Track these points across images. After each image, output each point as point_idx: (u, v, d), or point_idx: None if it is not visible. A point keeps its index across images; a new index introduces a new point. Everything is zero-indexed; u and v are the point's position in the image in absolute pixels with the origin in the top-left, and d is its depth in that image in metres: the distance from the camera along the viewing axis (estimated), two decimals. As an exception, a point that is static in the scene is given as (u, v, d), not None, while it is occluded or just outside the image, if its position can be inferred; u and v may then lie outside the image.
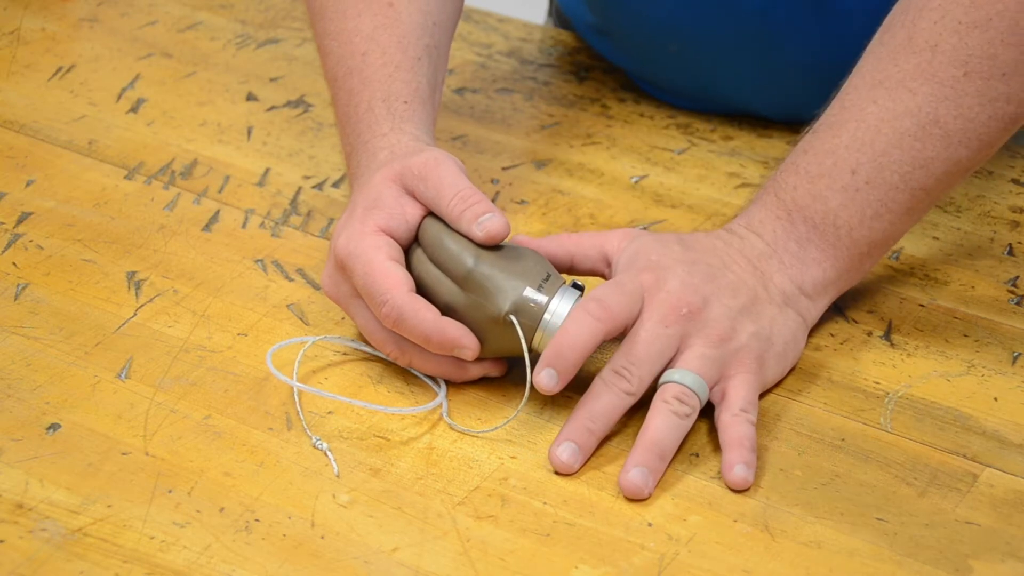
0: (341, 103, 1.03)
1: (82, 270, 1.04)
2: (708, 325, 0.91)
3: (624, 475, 0.86)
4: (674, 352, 0.90)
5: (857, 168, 0.94)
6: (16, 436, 0.90)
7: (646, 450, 0.87)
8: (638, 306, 0.90)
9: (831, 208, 0.94)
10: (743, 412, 0.89)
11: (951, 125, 0.93)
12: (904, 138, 0.93)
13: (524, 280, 0.91)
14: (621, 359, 0.89)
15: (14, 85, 1.26)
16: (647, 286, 0.91)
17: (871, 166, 0.94)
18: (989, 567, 0.83)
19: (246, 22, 1.35)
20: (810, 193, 0.95)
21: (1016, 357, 0.98)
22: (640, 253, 0.93)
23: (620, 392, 0.89)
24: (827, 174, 0.94)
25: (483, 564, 0.83)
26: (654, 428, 0.88)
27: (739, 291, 0.92)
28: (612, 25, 1.24)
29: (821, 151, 0.95)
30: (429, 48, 1.04)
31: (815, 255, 0.95)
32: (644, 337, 0.90)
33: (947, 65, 0.92)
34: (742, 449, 0.88)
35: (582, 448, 0.88)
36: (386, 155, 0.97)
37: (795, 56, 1.15)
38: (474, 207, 0.92)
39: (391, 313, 0.90)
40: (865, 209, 0.94)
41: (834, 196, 0.94)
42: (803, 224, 0.95)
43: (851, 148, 0.94)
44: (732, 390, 0.90)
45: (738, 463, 0.87)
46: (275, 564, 0.82)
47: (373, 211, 0.93)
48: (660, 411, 0.88)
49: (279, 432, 0.91)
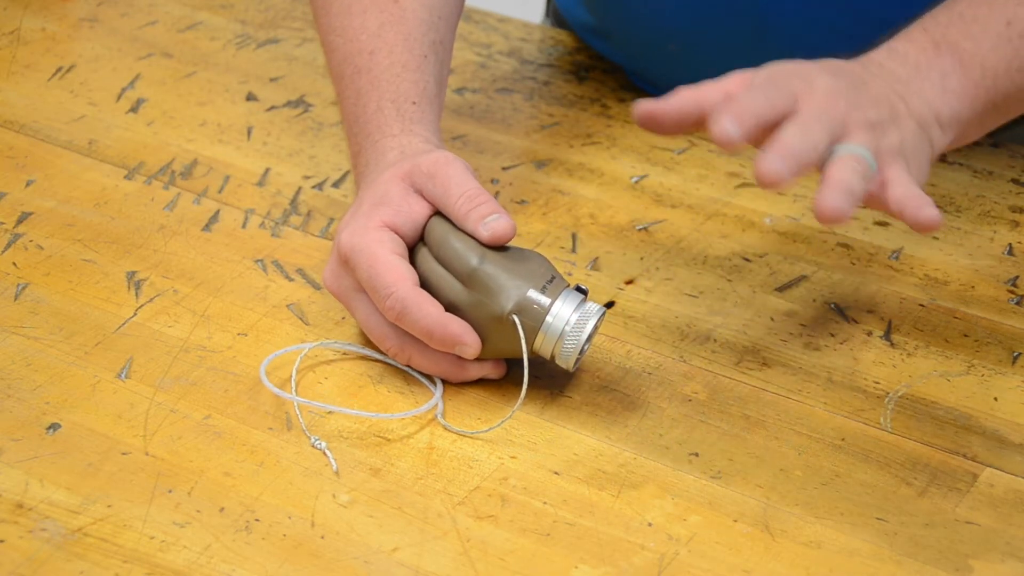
0: (348, 102, 1.03)
1: (82, 270, 1.04)
2: (863, 120, 0.88)
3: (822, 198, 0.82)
4: (837, 136, 0.86)
5: (1013, 20, 0.94)
6: (16, 436, 0.90)
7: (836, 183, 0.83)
8: (791, 99, 0.86)
9: (982, 50, 0.94)
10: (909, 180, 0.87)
11: None
12: None
13: (528, 281, 0.91)
14: (796, 118, 0.85)
15: (14, 85, 1.26)
16: (798, 91, 0.87)
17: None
18: (989, 567, 0.83)
19: (246, 22, 1.35)
20: (962, 32, 0.94)
21: (1016, 357, 0.98)
22: (780, 68, 0.89)
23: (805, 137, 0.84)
24: (982, 19, 0.94)
25: (483, 564, 0.83)
26: (839, 171, 0.84)
27: (882, 103, 0.90)
28: (610, 26, 1.24)
29: (976, 2, 0.95)
30: (435, 44, 1.04)
31: (955, 88, 0.93)
32: (811, 109, 0.86)
33: None
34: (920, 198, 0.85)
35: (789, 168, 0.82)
36: (396, 155, 0.98)
37: (795, 53, 1.15)
38: (481, 207, 0.92)
39: (395, 306, 0.90)
40: (1012, 60, 0.94)
41: (987, 39, 0.94)
42: (950, 57, 0.94)
43: (1008, 4, 0.94)
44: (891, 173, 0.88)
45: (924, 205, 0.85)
46: (275, 564, 0.82)
47: (379, 207, 0.93)
48: (840, 161, 0.85)
49: (279, 432, 0.91)
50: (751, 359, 0.98)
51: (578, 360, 0.91)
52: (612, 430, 0.92)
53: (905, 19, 0.99)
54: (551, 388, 0.95)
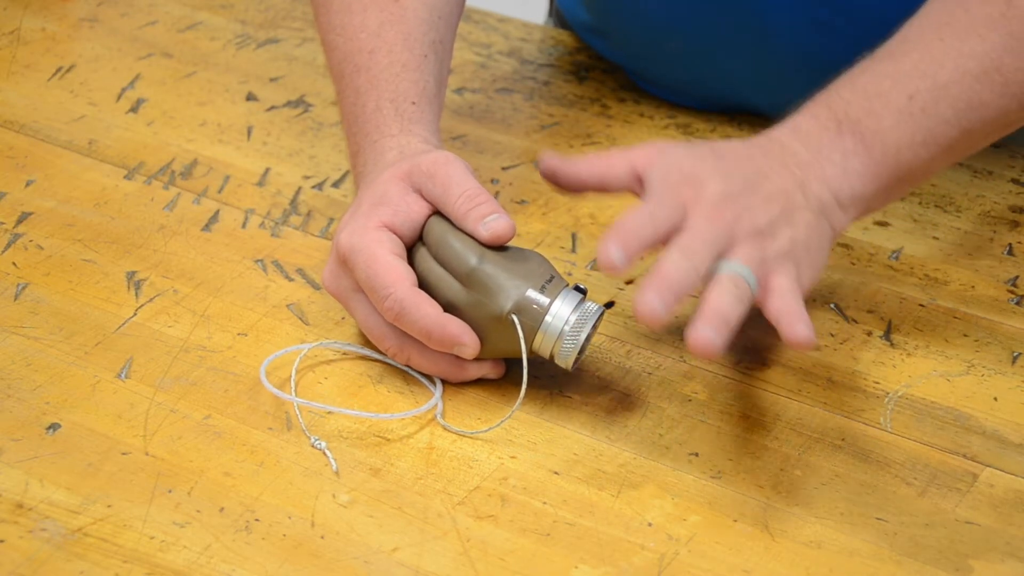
0: (348, 101, 1.03)
1: (82, 270, 1.04)
2: (751, 228, 0.88)
3: (695, 332, 0.83)
4: (722, 250, 0.87)
5: (915, 94, 0.94)
6: (16, 436, 0.90)
7: (713, 314, 0.84)
8: (680, 216, 0.87)
9: (883, 127, 0.93)
10: (789, 291, 0.87)
11: (1012, 76, 0.93)
12: (965, 77, 0.93)
13: (527, 281, 0.91)
14: (681, 240, 0.86)
15: (14, 85, 1.26)
16: (687, 201, 0.88)
17: (928, 95, 0.93)
18: (989, 567, 0.83)
19: (246, 22, 1.35)
20: (864, 109, 0.94)
21: (1016, 357, 0.98)
22: (673, 168, 0.90)
23: (688, 265, 0.85)
24: (884, 94, 0.94)
25: (483, 564, 0.83)
26: (715, 299, 0.85)
27: (776, 199, 0.90)
28: (609, 25, 1.24)
29: (880, 73, 0.94)
30: (435, 44, 1.04)
31: (857, 168, 0.93)
32: (698, 227, 0.87)
33: (1020, 20, 0.93)
34: (797, 314, 0.86)
35: (664, 301, 0.83)
36: (395, 155, 0.98)
37: (793, 52, 1.15)
38: (480, 207, 0.92)
39: (393, 306, 0.90)
40: (915, 134, 0.94)
41: (888, 116, 0.93)
42: (851, 137, 0.93)
43: (912, 75, 0.94)
44: (775, 282, 0.88)
45: (798, 323, 0.85)
46: (275, 564, 0.82)
47: (378, 207, 0.93)
48: (722, 284, 0.85)
49: (279, 432, 0.91)
50: (751, 359, 0.98)
51: (577, 360, 0.91)
52: (612, 430, 0.92)
53: (901, 18, 0.99)
54: (551, 388, 0.95)
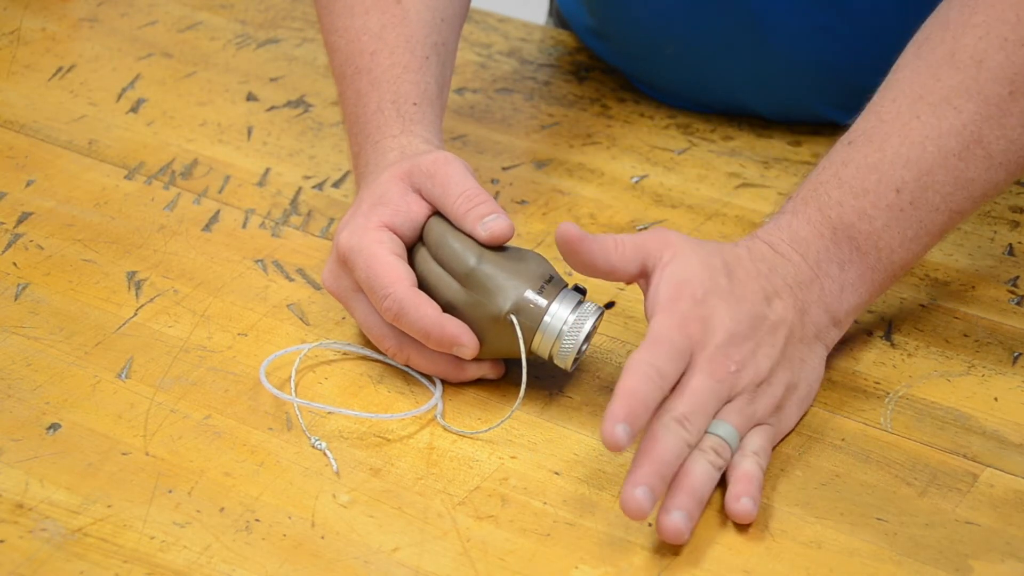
0: (349, 103, 1.03)
1: (82, 270, 1.04)
2: (751, 379, 0.88)
3: (666, 517, 0.83)
4: (719, 408, 0.87)
5: (902, 187, 0.91)
6: (16, 436, 0.90)
7: (687, 495, 0.84)
8: (686, 362, 0.86)
9: (876, 228, 0.92)
10: (754, 455, 0.87)
11: (994, 146, 0.91)
12: (948, 158, 0.91)
13: (526, 281, 0.91)
14: (681, 407, 0.85)
15: (14, 85, 1.26)
16: (695, 339, 0.86)
17: (915, 185, 0.91)
18: (989, 567, 0.83)
19: (246, 22, 1.35)
20: (856, 211, 0.92)
21: (1016, 357, 0.98)
22: (685, 285, 0.87)
23: (683, 441, 0.84)
24: (872, 191, 0.91)
25: (483, 564, 0.83)
26: (695, 475, 0.84)
27: (779, 333, 0.89)
28: (610, 27, 1.24)
29: (864, 166, 0.92)
30: (437, 46, 1.04)
31: (853, 279, 0.92)
32: (699, 388, 0.85)
33: (993, 82, 0.91)
34: (750, 484, 0.85)
35: (656, 494, 0.82)
36: (396, 155, 0.98)
37: (792, 55, 1.15)
38: (479, 207, 0.92)
39: (392, 307, 0.90)
40: (906, 230, 0.92)
41: (879, 216, 0.91)
42: (847, 244, 0.92)
43: (896, 165, 0.91)
44: (749, 437, 0.88)
45: (744, 495, 0.84)
46: (275, 564, 0.82)
47: (378, 207, 0.93)
48: (700, 460, 0.85)
49: (279, 432, 0.91)
50: (751, 359, 0.98)
51: (576, 360, 0.91)
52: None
53: (898, 22, 0.98)
54: (551, 388, 0.95)
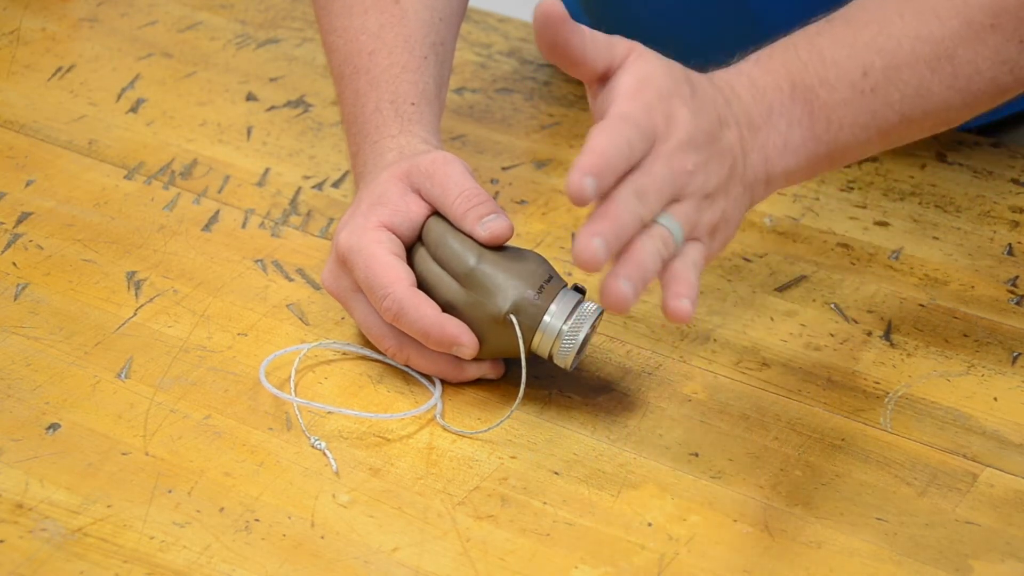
0: (348, 103, 1.03)
1: (82, 270, 1.04)
2: (700, 187, 0.87)
3: (615, 282, 0.80)
4: (669, 202, 0.85)
5: (869, 71, 0.92)
6: (16, 436, 0.90)
7: (636, 267, 0.82)
8: (649, 145, 0.85)
9: (832, 100, 0.91)
10: (694, 264, 0.85)
11: (961, 68, 0.92)
12: (919, 62, 0.92)
13: (526, 281, 0.91)
14: (640, 181, 0.83)
15: (14, 85, 1.26)
16: (658, 129, 0.85)
17: (881, 75, 0.92)
18: (989, 567, 0.83)
19: (246, 22, 1.35)
20: (819, 76, 0.92)
21: (1016, 357, 0.98)
22: (650, 80, 0.87)
23: (637, 214, 0.83)
24: (840, 64, 0.92)
25: (483, 564, 0.83)
26: (644, 251, 0.83)
27: (725, 159, 0.88)
28: (608, 27, 1.24)
29: (838, 40, 0.92)
30: (435, 45, 1.04)
31: (796, 141, 0.91)
32: (658, 173, 0.84)
33: (979, 10, 0.92)
34: (689, 287, 0.83)
35: (610, 250, 0.81)
36: (394, 155, 0.98)
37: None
38: (479, 207, 0.92)
39: (392, 307, 0.91)
40: (859, 115, 0.92)
41: (841, 88, 0.92)
42: (801, 105, 0.91)
43: (869, 48, 0.92)
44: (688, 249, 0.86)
45: (684, 296, 0.83)
46: (275, 564, 0.82)
47: (377, 207, 0.93)
48: (648, 240, 0.83)
49: (279, 432, 0.91)
50: (751, 359, 0.98)
51: (576, 360, 0.91)
52: (612, 430, 0.92)
53: None
54: (551, 388, 0.95)
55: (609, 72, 0.88)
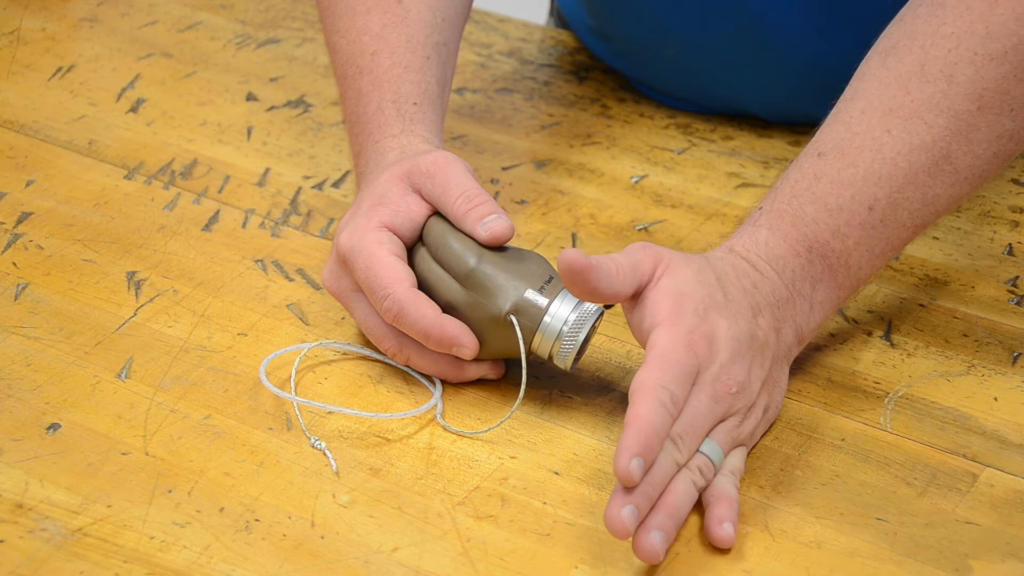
0: (350, 103, 1.03)
1: (82, 270, 1.04)
2: (745, 401, 0.88)
3: (645, 536, 0.81)
4: (716, 424, 0.87)
5: (874, 204, 0.91)
6: (16, 436, 0.90)
7: (667, 515, 0.83)
8: (692, 382, 0.86)
9: (848, 247, 0.91)
10: (732, 475, 0.86)
11: (960, 162, 0.91)
12: (919, 174, 0.91)
13: (526, 281, 0.91)
14: (679, 426, 0.84)
15: (14, 85, 1.26)
16: (701, 357, 0.86)
17: (887, 203, 0.91)
18: (989, 567, 0.83)
19: (246, 22, 1.35)
20: (830, 229, 0.91)
21: (1016, 357, 0.98)
22: (686, 299, 0.87)
23: (674, 461, 0.84)
24: (846, 208, 0.91)
25: (483, 564, 0.83)
26: (678, 494, 0.84)
27: (766, 354, 0.89)
28: (610, 28, 1.24)
29: (838, 181, 0.91)
30: (438, 46, 1.04)
31: (822, 297, 0.92)
32: (700, 410, 0.85)
33: (962, 98, 0.90)
34: (731, 508, 0.84)
35: (641, 514, 0.82)
36: (396, 155, 0.98)
37: (792, 58, 1.15)
38: (479, 208, 0.92)
39: (392, 307, 0.91)
40: (875, 247, 0.92)
41: (852, 234, 0.91)
42: (820, 263, 0.91)
43: (868, 181, 0.91)
44: (730, 461, 0.87)
45: (727, 520, 0.84)
46: (275, 564, 0.82)
47: (378, 207, 0.93)
48: (684, 479, 0.84)
49: (279, 432, 0.91)
50: (751, 359, 0.98)
51: (576, 360, 0.91)
52: (612, 430, 0.92)
53: None
54: (551, 388, 0.95)
55: (639, 291, 0.88)
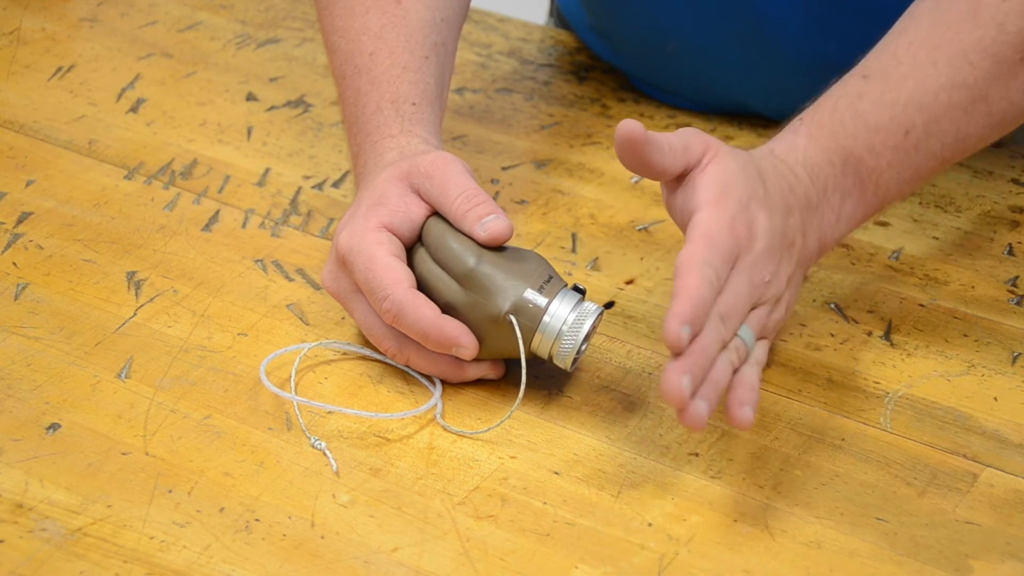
0: (349, 103, 1.03)
1: (82, 270, 1.04)
2: (774, 291, 0.90)
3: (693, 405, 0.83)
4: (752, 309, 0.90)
5: (911, 129, 0.93)
6: (16, 436, 0.90)
7: (712, 388, 0.84)
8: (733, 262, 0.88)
9: (880, 165, 0.94)
10: (757, 364, 0.88)
11: (995, 106, 0.94)
12: (955, 110, 0.93)
13: (525, 281, 0.91)
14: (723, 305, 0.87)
15: (14, 85, 1.26)
16: (741, 242, 0.88)
17: (923, 130, 0.94)
18: (989, 567, 0.83)
19: (246, 22, 1.35)
20: (867, 145, 0.93)
21: (1016, 357, 0.98)
22: (731, 188, 0.89)
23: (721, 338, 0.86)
24: (884, 128, 0.93)
25: (483, 564, 0.83)
26: (719, 369, 0.85)
27: (792, 252, 0.91)
28: (610, 25, 1.24)
29: (880, 102, 0.94)
30: (437, 46, 1.04)
31: (848, 210, 0.94)
32: (740, 291, 0.87)
33: (1009, 47, 0.93)
34: (753, 392, 0.86)
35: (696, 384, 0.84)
36: (394, 155, 0.98)
37: (793, 55, 1.15)
38: (478, 208, 0.92)
39: (391, 308, 0.91)
40: (904, 171, 0.94)
41: (886, 153, 0.94)
42: (852, 176, 0.94)
43: (909, 107, 0.93)
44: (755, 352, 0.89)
45: (747, 403, 0.85)
46: (275, 564, 0.82)
47: (377, 208, 0.93)
48: (724, 358, 0.86)
49: (279, 432, 0.91)
50: (751, 359, 0.98)
51: (576, 360, 0.91)
52: (612, 430, 0.92)
53: None
54: (551, 388, 0.95)
55: (686, 172, 0.91)
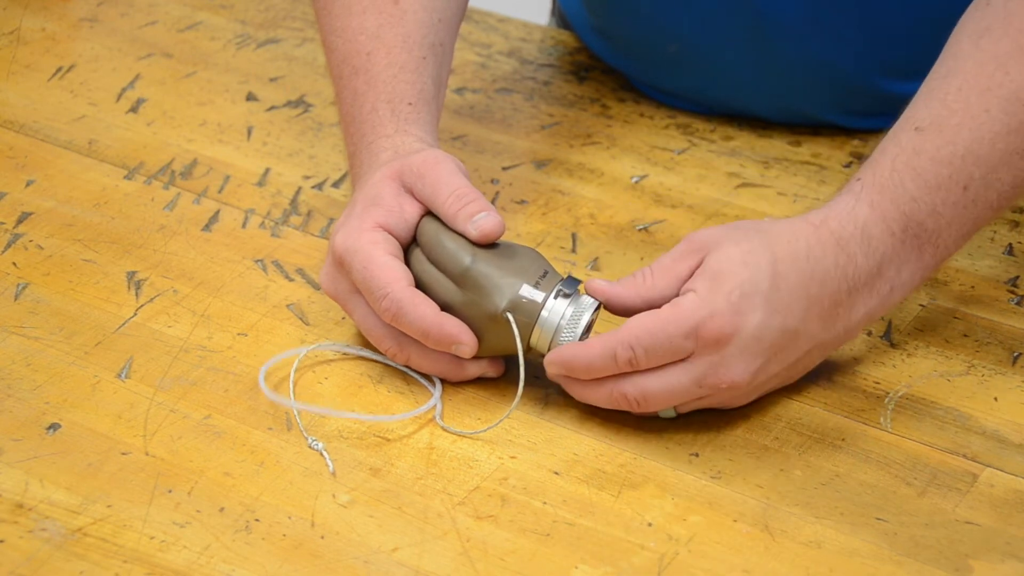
0: (346, 103, 1.03)
1: (82, 270, 1.04)
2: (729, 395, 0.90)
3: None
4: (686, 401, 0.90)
5: (969, 184, 0.91)
6: (16, 436, 0.90)
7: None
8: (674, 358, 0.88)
9: (940, 226, 0.91)
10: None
11: None
12: (1013, 157, 0.91)
13: (521, 277, 0.91)
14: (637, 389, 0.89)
15: (14, 85, 1.26)
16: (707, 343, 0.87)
17: (981, 183, 0.91)
18: (989, 567, 0.83)
19: (246, 22, 1.35)
20: (928, 207, 0.90)
21: (1016, 357, 0.98)
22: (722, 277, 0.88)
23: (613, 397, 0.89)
24: (943, 186, 0.90)
25: (483, 564, 0.83)
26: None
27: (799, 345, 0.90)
28: (612, 26, 1.24)
29: (938, 159, 0.91)
30: (434, 46, 1.04)
31: (905, 279, 0.92)
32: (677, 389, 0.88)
33: None
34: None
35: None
36: (389, 155, 0.98)
37: (794, 57, 1.15)
38: (469, 206, 0.92)
39: (390, 307, 0.91)
40: (963, 227, 0.92)
41: (946, 212, 0.91)
42: (912, 243, 0.91)
43: (967, 161, 0.90)
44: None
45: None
46: (275, 564, 0.82)
47: (372, 208, 0.93)
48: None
49: (279, 432, 0.91)
50: (751, 359, 0.97)
51: (578, 359, 0.91)
52: (612, 430, 0.92)
53: (905, 21, 0.98)
54: (550, 387, 0.95)
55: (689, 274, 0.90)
